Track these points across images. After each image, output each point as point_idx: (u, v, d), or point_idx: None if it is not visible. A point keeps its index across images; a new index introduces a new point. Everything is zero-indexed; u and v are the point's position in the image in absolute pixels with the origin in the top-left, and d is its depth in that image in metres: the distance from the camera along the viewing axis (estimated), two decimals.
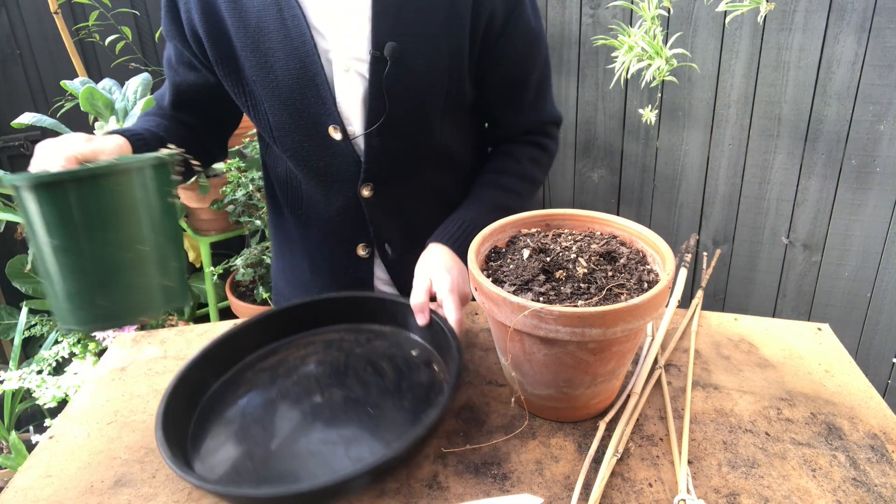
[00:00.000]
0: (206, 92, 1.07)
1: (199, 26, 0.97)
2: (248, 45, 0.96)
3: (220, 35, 0.97)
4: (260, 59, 0.97)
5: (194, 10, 0.97)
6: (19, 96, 2.47)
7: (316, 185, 1.08)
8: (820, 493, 0.73)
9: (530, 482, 0.75)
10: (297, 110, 0.99)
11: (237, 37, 0.96)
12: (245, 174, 2.19)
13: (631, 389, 0.88)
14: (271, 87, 0.98)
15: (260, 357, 0.93)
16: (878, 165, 1.87)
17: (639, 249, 0.86)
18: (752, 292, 2.18)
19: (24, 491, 0.77)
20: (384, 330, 0.96)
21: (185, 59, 1.04)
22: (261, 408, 0.84)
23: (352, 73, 0.96)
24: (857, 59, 1.78)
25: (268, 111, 1.01)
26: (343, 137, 1.00)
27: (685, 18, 1.90)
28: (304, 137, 1.02)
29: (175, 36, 1.02)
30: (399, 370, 0.87)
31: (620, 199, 2.22)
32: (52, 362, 1.80)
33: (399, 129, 1.00)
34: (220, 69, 1.01)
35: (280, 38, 0.95)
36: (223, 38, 0.98)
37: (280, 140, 1.04)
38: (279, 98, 0.99)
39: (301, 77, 0.96)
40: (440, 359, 0.88)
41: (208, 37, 0.98)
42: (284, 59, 0.96)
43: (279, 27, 0.94)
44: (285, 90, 0.98)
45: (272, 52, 0.96)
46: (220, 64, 1.00)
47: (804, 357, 0.97)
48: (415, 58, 0.96)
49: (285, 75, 0.97)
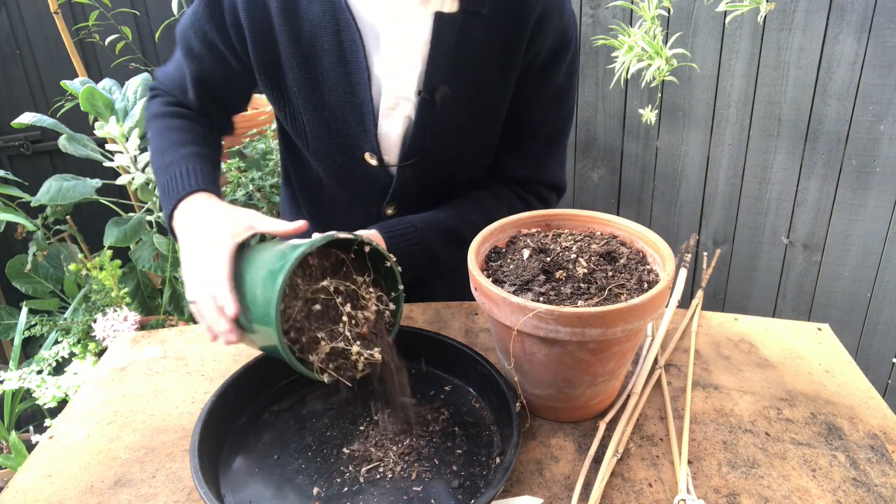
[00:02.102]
0: (232, 84, 1.03)
1: (245, 22, 0.92)
2: (297, 57, 0.93)
3: (266, 39, 0.93)
4: (307, 73, 0.94)
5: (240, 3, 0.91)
6: (19, 96, 2.47)
7: (341, 195, 1.07)
8: (820, 493, 0.73)
9: (530, 482, 0.75)
10: (337, 130, 0.98)
11: (286, 45, 0.93)
12: (245, 174, 2.19)
13: (631, 389, 0.88)
14: (314, 103, 0.96)
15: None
16: (878, 165, 1.87)
17: (639, 249, 0.86)
18: (752, 292, 2.18)
19: (24, 491, 0.77)
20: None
21: (215, 48, 0.97)
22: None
23: (398, 109, 0.95)
24: (857, 59, 1.78)
25: (306, 123, 0.99)
26: (378, 164, 1.00)
27: (685, 18, 1.90)
28: (338, 154, 1.01)
29: (209, 21, 0.94)
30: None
31: (620, 199, 2.22)
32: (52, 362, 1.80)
33: (434, 164, 1.00)
34: (260, 73, 0.97)
35: (333, 59, 0.92)
36: (270, 43, 0.94)
37: (314, 150, 1.02)
38: (321, 114, 0.97)
39: (347, 101, 0.95)
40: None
41: (253, 37, 0.93)
42: (334, 80, 0.93)
43: (334, 47, 0.91)
44: (329, 109, 0.96)
45: (322, 69, 0.93)
46: (262, 68, 0.96)
47: (804, 357, 0.97)
48: (464, 103, 0.95)
49: (332, 96, 0.95)
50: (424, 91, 0.93)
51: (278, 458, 0.80)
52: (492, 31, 0.92)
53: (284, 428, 0.85)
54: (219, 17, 0.94)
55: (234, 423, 0.85)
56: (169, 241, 2.01)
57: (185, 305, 2.12)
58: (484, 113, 0.99)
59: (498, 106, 0.99)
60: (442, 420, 0.85)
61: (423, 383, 0.93)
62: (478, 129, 1.00)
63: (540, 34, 0.93)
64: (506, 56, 0.94)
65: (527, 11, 0.92)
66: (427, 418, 0.84)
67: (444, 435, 0.82)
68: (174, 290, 2.15)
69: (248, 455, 0.81)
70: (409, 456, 0.79)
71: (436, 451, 0.80)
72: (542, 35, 0.94)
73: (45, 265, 2.18)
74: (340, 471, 0.78)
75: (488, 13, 0.91)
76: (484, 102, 0.97)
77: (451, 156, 1.02)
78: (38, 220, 2.07)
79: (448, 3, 0.89)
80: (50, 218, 2.07)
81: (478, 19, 0.91)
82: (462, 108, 0.96)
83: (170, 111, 1.05)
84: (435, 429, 0.83)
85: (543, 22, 0.92)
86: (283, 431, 0.84)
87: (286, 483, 0.76)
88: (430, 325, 1.04)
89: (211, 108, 1.06)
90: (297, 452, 0.81)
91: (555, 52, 0.96)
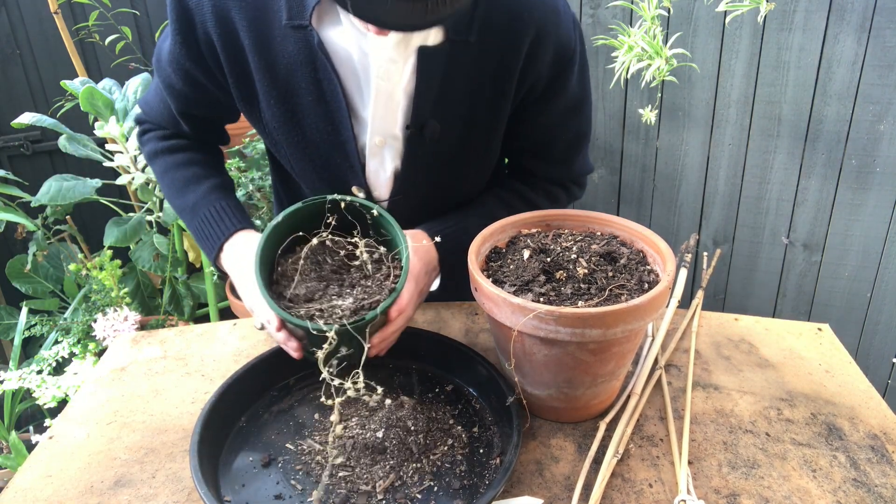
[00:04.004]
0: (219, 108, 1.00)
1: (221, 55, 0.89)
2: (274, 95, 0.90)
3: (243, 75, 0.90)
4: (287, 111, 0.91)
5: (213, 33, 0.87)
6: (19, 96, 2.46)
7: None
8: (820, 493, 0.73)
9: (530, 483, 0.75)
10: (322, 166, 0.96)
11: (262, 82, 0.89)
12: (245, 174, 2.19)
13: (631, 390, 0.88)
14: (296, 139, 0.93)
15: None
16: (878, 165, 1.87)
17: (639, 249, 0.86)
18: (752, 292, 2.18)
19: (24, 491, 0.77)
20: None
21: (198, 83, 0.94)
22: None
23: (386, 147, 0.93)
24: (857, 59, 1.78)
25: (290, 156, 0.97)
26: (366, 196, 0.97)
27: (685, 18, 1.90)
28: (325, 185, 0.99)
29: (187, 58, 0.90)
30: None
31: (620, 199, 2.22)
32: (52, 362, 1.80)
33: (424, 194, 0.98)
34: (242, 107, 0.95)
35: (312, 98, 0.89)
36: (247, 79, 0.90)
37: (300, 178, 1.01)
38: (304, 151, 0.94)
39: (331, 139, 0.92)
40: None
41: (230, 70, 0.90)
42: (314, 118, 0.90)
43: (312, 85, 0.88)
44: (312, 146, 0.93)
45: (301, 106, 0.90)
46: (242, 102, 0.94)
47: (804, 357, 0.97)
48: (455, 134, 0.92)
49: (314, 134, 0.92)
50: (412, 127, 0.89)
51: (278, 459, 0.80)
52: (483, 57, 0.87)
53: (284, 428, 0.85)
54: (196, 52, 0.90)
55: (234, 423, 0.85)
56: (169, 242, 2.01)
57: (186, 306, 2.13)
58: (477, 142, 0.95)
59: (492, 133, 0.95)
60: (442, 420, 0.85)
61: (424, 383, 0.92)
62: (472, 157, 0.97)
63: (536, 59, 0.89)
64: (499, 83, 0.90)
65: (519, 37, 0.86)
66: (427, 418, 0.84)
67: (444, 435, 0.82)
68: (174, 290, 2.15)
69: (248, 455, 0.81)
70: (410, 456, 0.79)
71: (436, 451, 0.80)
72: (538, 60, 0.89)
73: (45, 265, 2.18)
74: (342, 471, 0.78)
75: (478, 40, 0.86)
76: (476, 132, 0.94)
77: (444, 184, 0.99)
78: (38, 220, 2.07)
79: (433, 34, 0.84)
80: (50, 218, 2.07)
81: (467, 47, 0.86)
82: (454, 140, 0.93)
83: (169, 146, 1.04)
84: (435, 429, 0.83)
85: (539, 45, 0.88)
86: (283, 432, 0.84)
87: (286, 484, 0.76)
88: (430, 325, 1.04)
89: (205, 133, 1.06)
90: (297, 453, 0.81)
91: (559, 71, 0.92)
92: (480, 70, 0.88)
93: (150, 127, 1.07)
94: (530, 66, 0.89)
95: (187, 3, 0.86)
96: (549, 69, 0.91)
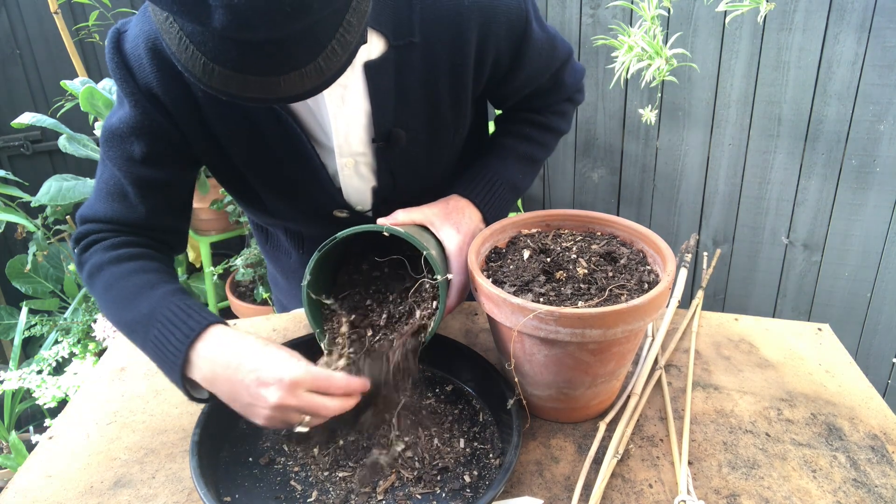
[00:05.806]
0: (189, 162, 0.92)
1: (174, 111, 0.84)
2: (235, 136, 0.87)
3: (201, 129, 0.87)
4: (251, 151, 0.89)
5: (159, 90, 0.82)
6: (19, 96, 2.46)
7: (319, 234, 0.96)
8: (820, 493, 0.73)
9: (530, 483, 0.75)
10: (297, 199, 0.95)
11: (224, 133, 0.87)
12: None
13: (631, 390, 0.88)
14: (263, 178, 0.92)
15: None
16: (878, 165, 1.87)
17: (639, 250, 0.86)
18: (752, 292, 2.18)
19: (24, 491, 0.77)
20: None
21: (161, 133, 0.86)
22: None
23: (357, 164, 0.92)
24: (857, 59, 1.78)
25: (263, 197, 0.95)
26: (349, 215, 0.98)
27: (685, 18, 1.90)
28: (304, 218, 0.98)
29: (144, 117, 0.84)
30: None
31: (620, 199, 2.22)
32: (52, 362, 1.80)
33: (409, 196, 0.97)
34: (205, 157, 0.91)
35: (276, 135, 0.86)
36: (205, 132, 0.87)
37: (277, 216, 1.00)
38: (275, 188, 0.93)
39: (301, 172, 0.90)
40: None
41: (189, 128, 0.86)
42: (281, 154, 0.89)
43: (273, 122, 0.85)
44: (283, 182, 0.92)
45: (265, 145, 0.88)
46: (206, 153, 0.90)
47: (804, 357, 0.97)
48: (421, 137, 0.92)
49: (285, 169, 0.91)
50: (378, 140, 0.89)
51: (278, 460, 0.80)
52: (432, 55, 0.86)
53: (284, 429, 0.85)
54: (154, 103, 0.84)
55: (234, 424, 0.85)
56: None
57: None
58: (445, 136, 0.95)
59: (458, 122, 0.95)
60: (442, 420, 0.85)
61: (424, 383, 0.92)
62: (444, 151, 0.98)
63: (489, 39, 0.87)
64: (455, 75, 0.89)
65: (466, 26, 0.85)
66: (427, 419, 0.84)
67: (444, 435, 0.82)
68: None
69: (248, 456, 0.81)
70: (410, 457, 0.79)
71: (436, 451, 0.80)
72: (493, 38, 0.88)
73: (45, 265, 2.18)
74: (341, 471, 0.78)
75: (422, 39, 0.84)
76: (442, 127, 0.94)
77: (425, 181, 0.99)
78: (38, 220, 2.07)
79: (374, 46, 0.83)
80: (50, 218, 2.07)
81: (412, 49, 0.85)
82: (422, 140, 0.93)
83: (117, 255, 0.86)
84: (435, 429, 0.83)
85: (489, 26, 0.86)
86: (283, 432, 0.84)
87: (286, 484, 0.76)
88: None
89: (163, 216, 0.92)
90: (297, 453, 0.81)
91: (518, 36, 0.90)
92: (433, 67, 0.87)
93: (95, 237, 0.89)
94: (486, 47, 0.88)
95: (128, 62, 0.81)
96: (507, 41, 0.90)
